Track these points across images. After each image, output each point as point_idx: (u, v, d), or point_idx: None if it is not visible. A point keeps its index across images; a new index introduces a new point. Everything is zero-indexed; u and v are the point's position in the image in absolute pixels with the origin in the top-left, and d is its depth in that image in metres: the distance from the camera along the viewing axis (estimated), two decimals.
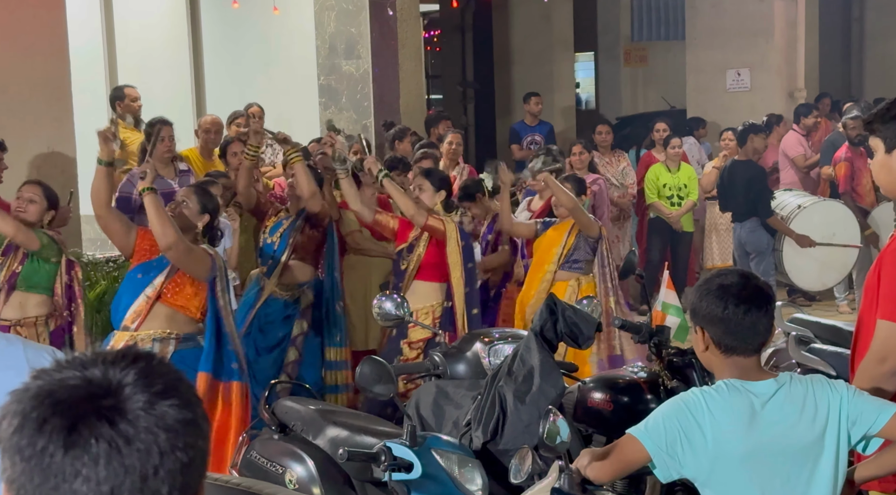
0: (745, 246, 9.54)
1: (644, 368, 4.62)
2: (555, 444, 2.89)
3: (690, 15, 13.67)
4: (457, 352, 4.43)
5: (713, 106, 12.94)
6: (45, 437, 1.25)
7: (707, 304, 2.80)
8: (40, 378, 1.31)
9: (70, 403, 1.27)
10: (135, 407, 1.27)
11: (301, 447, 4.34)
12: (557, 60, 15.41)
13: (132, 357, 1.32)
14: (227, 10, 10.37)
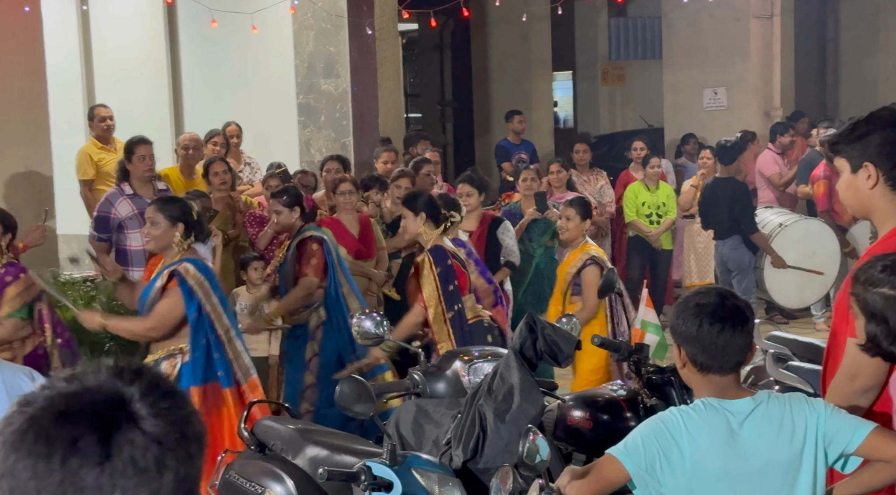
0: (726, 263, 9.58)
1: (623, 386, 4.63)
2: (535, 463, 2.89)
3: (667, 34, 13.76)
4: (436, 371, 4.42)
5: (690, 124, 13.01)
6: (80, 455, 1.23)
7: (683, 322, 2.82)
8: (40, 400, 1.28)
9: (95, 417, 1.25)
10: (150, 414, 1.27)
11: (280, 467, 4.32)
12: (535, 79, 15.48)
13: (133, 370, 1.32)
14: (206, 29, 10.36)
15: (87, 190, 8.83)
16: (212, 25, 9.90)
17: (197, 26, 11.15)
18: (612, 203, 10.47)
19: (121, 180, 7.69)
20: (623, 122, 17.54)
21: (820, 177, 9.87)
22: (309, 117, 10.78)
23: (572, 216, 6.55)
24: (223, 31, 10.26)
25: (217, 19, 9.78)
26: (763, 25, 13.11)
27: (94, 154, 8.97)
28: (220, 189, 8.18)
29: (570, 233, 6.58)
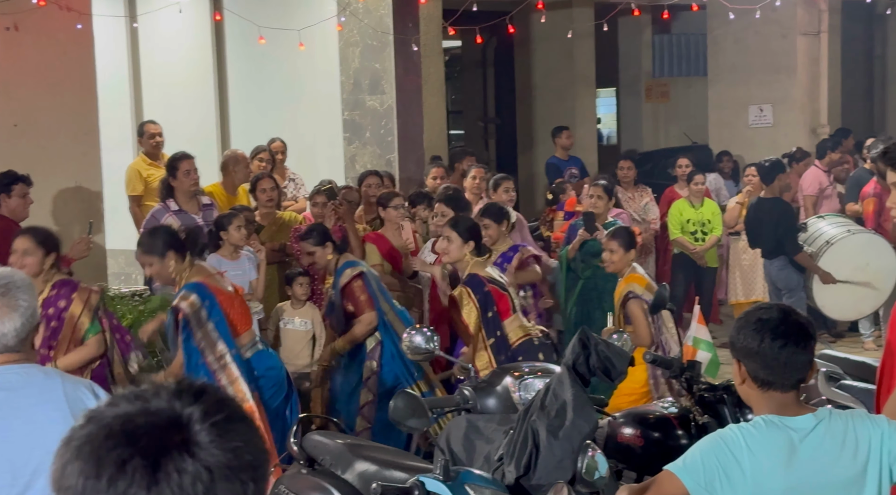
0: (775, 283, 9.49)
1: (674, 403, 4.59)
2: (593, 479, 2.88)
3: (713, 51, 13.70)
4: (487, 386, 4.41)
5: (736, 141, 12.94)
6: (128, 478, 1.22)
7: (744, 337, 2.79)
8: (102, 417, 1.28)
9: (148, 440, 1.24)
10: (206, 441, 1.26)
11: (329, 481, 4.32)
12: (579, 96, 15.46)
13: (194, 390, 1.31)
14: (253, 46, 10.45)
15: (136, 205, 8.90)
16: (259, 42, 9.98)
17: (244, 43, 11.25)
18: (657, 220, 10.42)
19: (165, 197, 7.74)
20: (667, 139, 17.46)
21: (869, 195, 9.76)
22: (354, 133, 10.83)
23: (615, 248, 6.45)
24: (270, 47, 10.34)
25: (264, 36, 9.86)
26: (810, 42, 13.02)
27: (143, 170, 9.05)
28: (267, 206, 8.23)
29: (616, 265, 6.50)
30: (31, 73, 7.65)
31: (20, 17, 7.61)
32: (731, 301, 10.66)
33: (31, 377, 2.91)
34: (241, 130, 11.55)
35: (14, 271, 3.01)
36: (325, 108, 10.99)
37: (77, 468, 1.24)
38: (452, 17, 10.72)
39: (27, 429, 2.84)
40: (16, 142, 7.55)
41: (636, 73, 17.75)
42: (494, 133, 17.77)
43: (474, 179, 9.25)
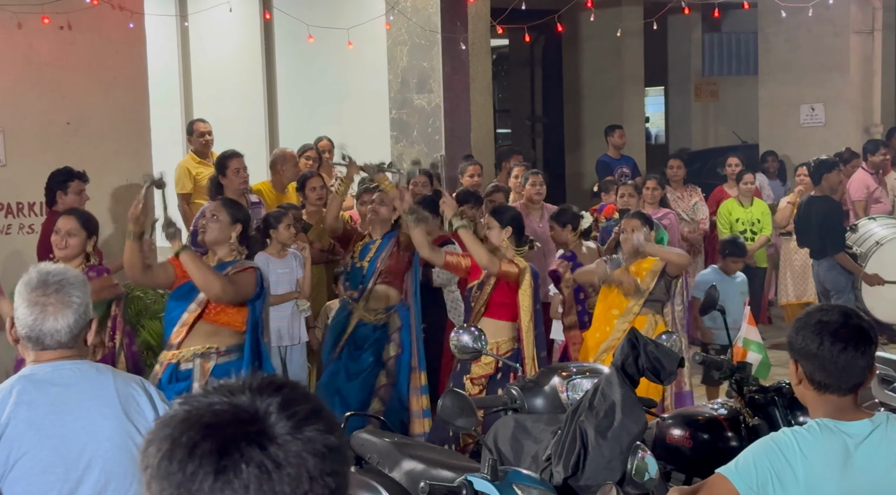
0: (823, 283, 9.38)
1: (725, 405, 4.55)
2: (643, 481, 2.85)
3: (763, 50, 13.55)
4: (534, 386, 4.40)
5: (787, 141, 12.80)
6: (196, 462, 1.25)
7: (803, 338, 2.74)
8: (187, 403, 1.31)
9: (219, 428, 1.27)
10: (282, 433, 1.27)
11: (377, 480, 4.33)
12: (627, 95, 15.37)
13: (275, 385, 1.32)
14: (302, 45, 10.50)
15: (185, 203, 8.97)
16: (308, 41, 10.02)
17: (293, 42, 11.30)
18: (706, 220, 10.33)
19: (214, 195, 7.79)
20: (716, 138, 17.32)
21: None
22: (401, 132, 10.84)
23: (637, 228, 6.55)
24: (319, 46, 10.38)
25: (313, 35, 9.90)
26: (863, 40, 12.84)
27: (192, 168, 9.12)
28: (316, 204, 8.26)
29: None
30: (84, 71, 7.73)
31: (73, 17, 7.70)
32: (782, 302, 10.55)
33: (83, 373, 2.94)
34: (290, 129, 11.61)
35: (67, 268, 3.04)
36: (372, 106, 11.01)
37: (155, 448, 1.28)
38: (501, 15, 10.70)
39: (80, 425, 2.87)
40: (68, 140, 7.63)
41: (685, 71, 17.63)
42: (542, 132, 17.72)
43: (517, 179, 9.23)
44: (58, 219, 5.67)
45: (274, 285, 6.99)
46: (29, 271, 2.96)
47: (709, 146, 16.87)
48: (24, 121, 7.48)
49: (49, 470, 2.83)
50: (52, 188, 6.83)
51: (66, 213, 5.74)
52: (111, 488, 2.89)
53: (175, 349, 5.25)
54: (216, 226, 5.33)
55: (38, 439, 2.83)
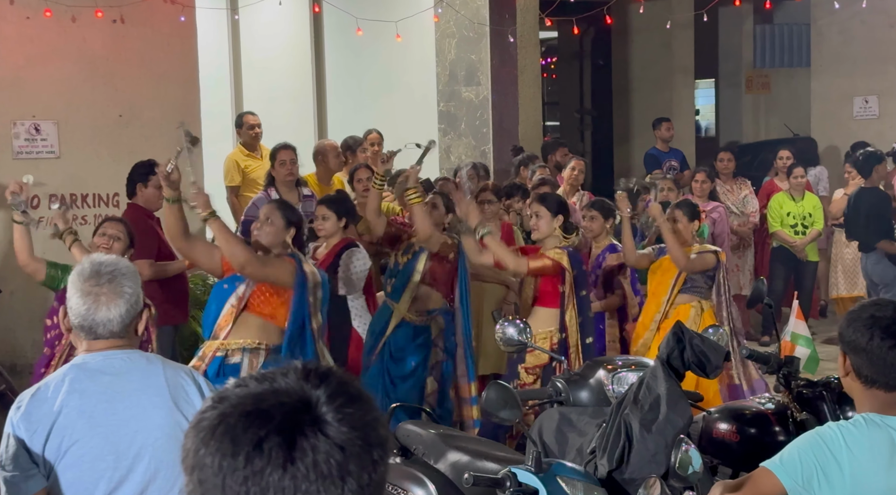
0: (871, 277, 9.27)
1: (772, 399, 4.52)
2: (687, 474, 2.85)
3: (816, 41, 13.41)
4: (580, 379, 4.39)
5: (839, 134, 12.65)
6: (264, 457, 1.24)
7: (853, 332, 2.73)
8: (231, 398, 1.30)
9: (282, 419, 1.27)
10: (335, 420, 1.28)
11: (422, 471, 4.35)
12: (677, 87, 15.27)
13: (321, 372, 1.33)
14: (351, 38, 10.54)
15: (234, 196, 9.04)
16: (357, 34, 10.06)
17: (342, 35, 11.35)
18: (756, 213, 10.25)
19: (267, 186, 7.88)
20: (767, 130, 17.14)
21: None
22: (449, 125, 10.86)
23: (679, 217, 6.58)
24: (367, 39, 10.41)
25: (362, 28, 9.94)
26: None
27: (241, 161, 9.19)
28: (364, 195, 8.30)
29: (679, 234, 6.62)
30: (136, 64, 7.83)
31: (126, 10, 7.80)
32: (833, 295, 10.44)
33: (134, 362, 2.99)
34: (338, 121, 11.66)
35: (119, 259, 3.09)
36: (420, 99, 11.04)
37: (213, 448, 1.26)
38: (549, 7, 10.67)
39: (130, 414, 2.92)
40: (121, 133, 7.73)
41: (736, 63, 17.45)
42: (590, 125, 17.65)
43: (573, 171, 9.22)
44: (104, 223, 5.82)
45: None
46: (82, 262, 3.01)
47: (760, 139, 16.71)
48: (78, 113, 7.59)
49: (100, 458, 2.88)
50: (133, 180, 6.89)
51: (114, 220, 5.90)
52: (160, 476, 2.93)
53: (222, 340, 5.26)
54: (271, 229, 5.34)
55: (89, 427, 2.88)
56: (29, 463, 2.84)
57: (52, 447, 2.85)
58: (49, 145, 7.49)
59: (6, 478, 2.83)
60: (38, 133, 7.43)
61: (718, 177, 10.15)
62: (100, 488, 2.88)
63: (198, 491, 1.29)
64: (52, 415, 2.86)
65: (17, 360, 7.18)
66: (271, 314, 5.27)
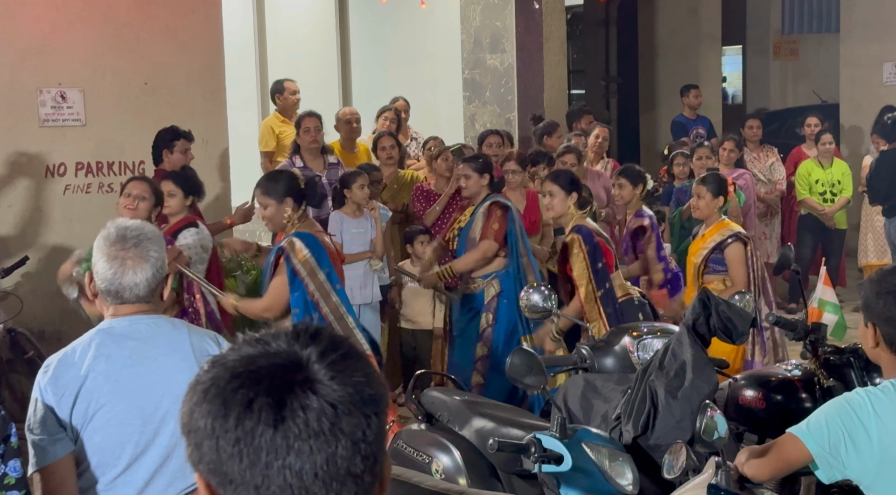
0: (894, 241, 9.20)
1: (799, 366, 4.50)
2: (712, 440, 2.84)
3: (846, 6, 13.22)
4: (605, 346, 4.39)
5: (868, 100, 12.49)
6: (254, 417, 1.25)
7: (884, 303, 2.70)
8: (226, 361, 1.31)
9: (271, 379, 1.27)
10: (327, 378, 1.28)
11: (447, 437, 4.36)
12: (704, 54, 15.13)
13: (311, 331, 1.34)
14: (375, 5, 10.51)
15: (268, 161, 9.04)
16: (381, 1, 10.01)
17: (367, 2, 11.30)
18: (783, 181, 10.17)
19: (293, 153, 7.88)
20: (795, 97, 16.99)
21: None
22: (474, 92, 10.81)
23: (703, 193, 6.40)
24: (392, 6, 10.37)
25: None
26: None
27: (276, 127, 9.16)
28: (387, 164, 8.29)
29: (702, 211, 6.46)
30: (161, 32, 7.82)
31: None
32: (862, 263, 10.35)
33: (159, 327, 3.00)
34: (363, 89, 11.63)
35: (144, 223, 3.09)
36: (445, 66, 10.99)
37: (205, 410, 1.27)
38: None
39: (156, 378, 2.93)
40: (146, 100, 7.73)
41: (764, 30, 17.28)
42: (616, 92, 17.53)
43: (597, 139, 9.18)
44: (128, 183, 5.74)
45: (347, 244, 7.04)
46: (107, 226, 3.02)
47: (787, 106, 16.56)
48: (103, 81, 7.59)
49: (126, 422, 2.90)
50: (158, 146, 6.93)
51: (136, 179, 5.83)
52: None
53: None
54: (268, 214, 5.17)
55: (115, 391, 2.89)
56: (56, 427, 2.86)
57: (79, 411, 2.87)
58: (75, 113, 7.50)
59: (34, 442, 2.85)
60: (64, 101, 7.44)
61: (746, 145, 10.06)
62: (127, 451, 2.90)
63: (196, 454, 1.30)
64: (79, 380, 2.88)
65: (46, 327, 7.24)
66: None
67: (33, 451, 2.86)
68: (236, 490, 1.26)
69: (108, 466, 2.90)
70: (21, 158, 7.32)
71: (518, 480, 4.13)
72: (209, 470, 1.28)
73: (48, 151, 7.41)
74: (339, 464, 1.27)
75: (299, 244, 5.03)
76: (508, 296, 6.36)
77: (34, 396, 2.90)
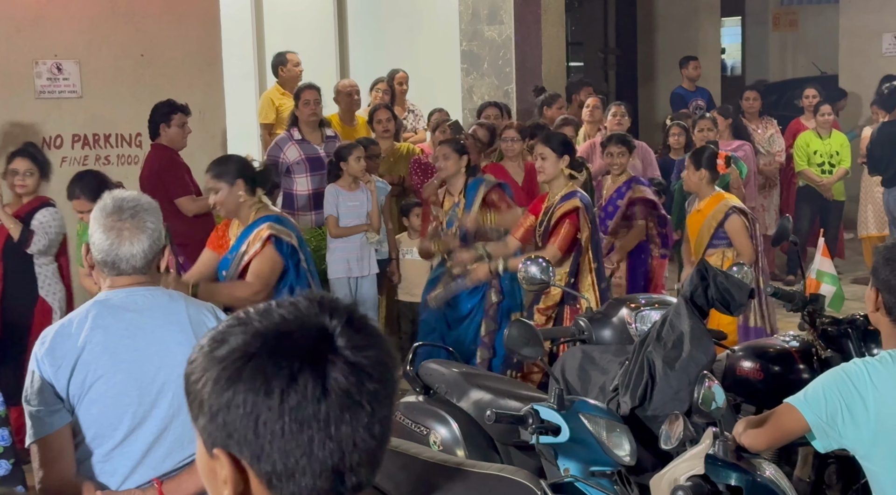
0: (893, 212, 9.20)
1: (797, 337, 4.50)
2: (710, 410, 2.84)
3: None
4: (602, 318, 4.39)
5: (867, 71, 12.46)
6: (300, 391, 1.24)
7: (889, 270, 2.69)
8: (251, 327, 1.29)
9: (308, 351, 1.26)
10: (351, 348, 1.28)
11: (445, 409, 4.37)
12: (703, 26, 15.06)
13: (331, 303, 1.33)
14: None
15: (268, 133, 9.02)
16: None
17: None
18: (782, 152, 10.16)
19: (291, 126, 7.86)
20: (794, 69, 16.93)
21: None
22: (472, 64, 10.76)
23: (687, 165, 6.44)
24: None
25: None
26: None
27: (276, 99, 9.13)
28: (384, 136, 8.27)
29: (687, 183, 6.53)
30: (157, 3, 7.78)
31: None
32: (862, 234, 10.35)
33: (156, 299, 2.99)
34: (360, 61, 11.57)
35: (141, 195, 3.07)
36: (443, 38, 10.93)
37: (243, 387, 1.24)
38: None
39: (153, 350, 2.93)
40: (143, 72, 7.70)
41: (763, 0, 17.20)
42: (615, 64, 17.46)
43: (588, 108, 9.15)
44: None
45: (344, 217, 7.04)
46: (103, 197, 3.00)
47: (787, 77, 16.50)
48: (100, 53, 7.55)
49: (123, 394, 2.90)
50: (155, 120, 6.90)
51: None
52: (184, 411, 2.91)
53: None
54: (220, 198, 4.97)
55: (112, 363, 2.89)
56: (54, 399, 2.86)
57: (76, 382, 2.87)
58: (71, 85, 7.47)
59: (31, 413, 2.85)
60: (60, 72, 7.41)
61: (744, 116, 10.04)
62: (124, 423, 2.90)
63: (221, 432, 1.27)
64: (76, 351, 2.87)
65: None
66: None
67: (30, 422, 2.86)
68: (273, 463, 1.25)
69: (105, 437, 2.90)
70: (17, 130, 7.29)
71: (516, 451, 4.14)
72: (241, 444, 1.25)
73: (44, 123, 7.38)
74: (374, 432, 1.27)
75: (279, 226, 4.94)
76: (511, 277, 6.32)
77: (31, 368, 2.90)
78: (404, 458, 3.73)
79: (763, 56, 17.46)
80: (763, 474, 3.08)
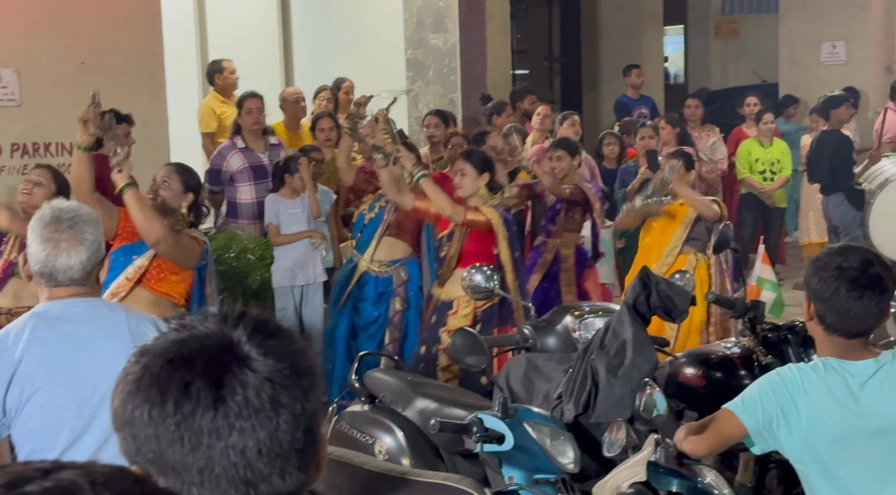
0: (832, 219, 9.35)
1: (737, 343, 4.55)
2: (651, 417, 2.87)
3: None
4: (546, 326, 4.40)
5: (807, 80, 12.66)
6: (193, 400, 1.23)
7: (819, 281, 2.72)
8: (153, 349, 1.29)
9: (205, 361, 1.26)
10: (260, 355, 1.27)
11: (390, 418, 4.36)
12: (646, 34, 15.21)
13: (236, 313, 1.33)
14: None
15: (210, 142, 8.94)
16: None
17: None
18: (724, 160, 10.27)
19: (234, 134, 7.81)
20: (736, 77, 17.15)
21: None
22: (417, 72, 10.77)
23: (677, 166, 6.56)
24: None
25: None
26: None
27: (216, 107, 9.06)
28: (326, 145, 8.25)
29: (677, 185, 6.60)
30: (98, 10, 7.68)
31: None
32: (803, 241, 10.50)
33: (96, 310, 2.96)
34: (305, 69, 11.53)
35: (80, 205, 3.05)
36: (388, 46, 10.92)
37: (139, 399, 1.25)
38: None
39: (92, 362, 2.89)
40: (83, 80, 7.59)
41: (705, 10, 17.43)
42: (559, 72, 17.58)
43: (538, 116, 9.20)
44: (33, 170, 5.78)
45: (285, 226, 7.02)
46: (42, 208, 2.97)
47: (728, 85, 16.71)
48: (39, 60, 7.45)
49: (62, 407, 2.86)
50: None
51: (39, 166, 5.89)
52: None
53: None
54: (167, 193, 5.00)
55: (51, 376, 2.85)
56: None
57: (13, 395, 2.83)
58: (10, 93, 7.35)
59: None
60: None
61: (687, 124, 10.14)
62: (62, 436, 2.87)
63: (132, 446, 1.27)
64: (13, 364, 2.83)
65: None
66: (167, 292, 4.92)
67: None
68: (179, 476, 1.24)
69: (44, 451, 2.86)
70: None
71: (461, 460, 4.14)
72: (148, 460, 1.26)
73: None
74: (282, 439, 1.26)
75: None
76: (415, 285, 6.45)
77: None
78: (349, 468, 3.71)
79: (705, 64, 17.68)
80: (704, 480, 3.11)
